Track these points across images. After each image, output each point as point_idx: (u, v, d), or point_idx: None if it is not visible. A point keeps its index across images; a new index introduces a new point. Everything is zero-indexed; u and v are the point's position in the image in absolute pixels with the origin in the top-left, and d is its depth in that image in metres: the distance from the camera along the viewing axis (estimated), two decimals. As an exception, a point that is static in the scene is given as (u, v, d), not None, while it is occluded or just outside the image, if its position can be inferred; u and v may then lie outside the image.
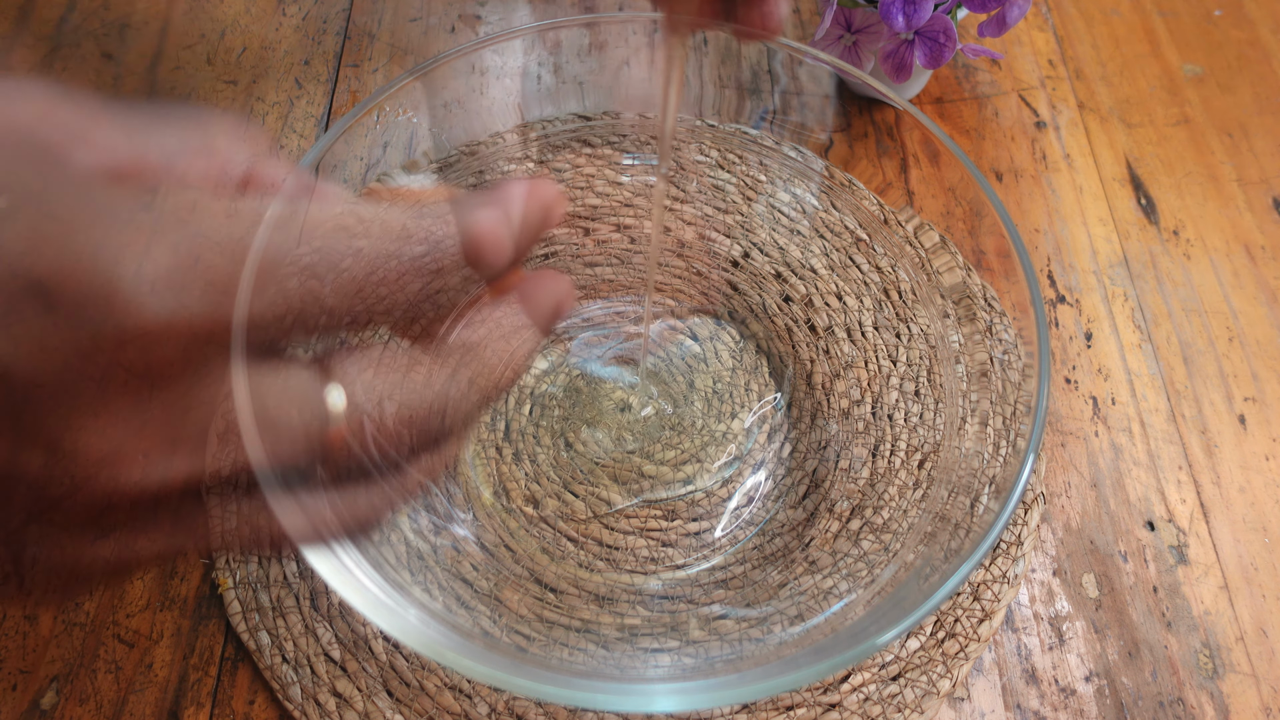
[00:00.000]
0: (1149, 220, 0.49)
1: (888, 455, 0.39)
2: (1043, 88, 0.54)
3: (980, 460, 0.34)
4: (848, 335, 0.42)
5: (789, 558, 0.37)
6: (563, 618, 0.36)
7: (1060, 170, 0.50)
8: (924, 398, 0.39)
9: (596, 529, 0.39)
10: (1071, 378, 0.44)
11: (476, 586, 0.35)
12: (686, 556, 0.39)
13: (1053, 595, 0.38)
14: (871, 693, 0.35)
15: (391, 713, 0.34)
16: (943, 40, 0.44)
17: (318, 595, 0.36)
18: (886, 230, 0.41)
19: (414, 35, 0.54)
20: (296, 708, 0.34)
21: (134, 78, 0.51)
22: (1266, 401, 0.43)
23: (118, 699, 0.34)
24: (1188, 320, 0.46)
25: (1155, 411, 0.43)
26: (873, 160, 0.45)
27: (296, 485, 0.19)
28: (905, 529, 0.35)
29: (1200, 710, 0.36)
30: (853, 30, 0.47)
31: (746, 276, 0.45)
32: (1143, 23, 0.57)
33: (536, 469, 0.40)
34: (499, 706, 0.35)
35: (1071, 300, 0.46)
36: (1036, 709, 0.36)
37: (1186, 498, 0.41)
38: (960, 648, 0.36)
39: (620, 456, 0.40)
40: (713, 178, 0.44)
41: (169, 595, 0.36)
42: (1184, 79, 0.54)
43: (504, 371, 0.21)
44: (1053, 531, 0.40)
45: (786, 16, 0.29)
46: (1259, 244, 0.48)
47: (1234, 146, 0.52)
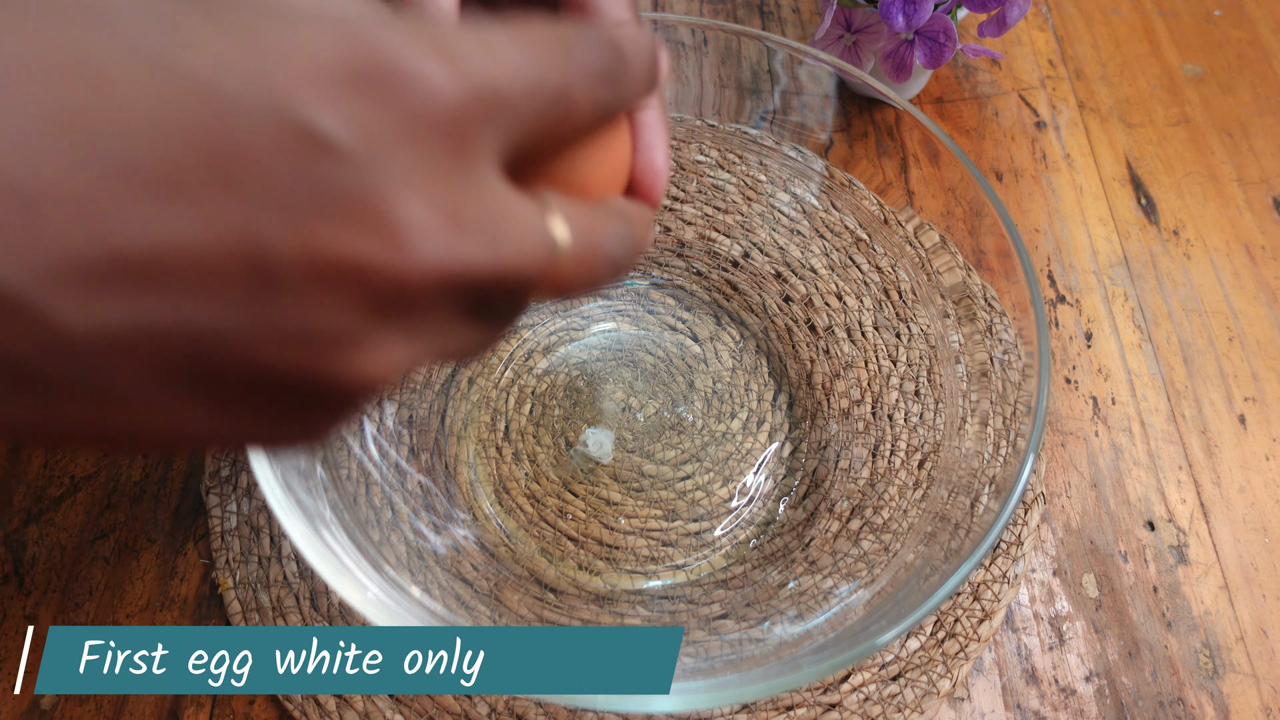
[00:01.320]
0: (1149, 220, 0.49)
1: (888, 455, 0.39)
2: (1043, 88, 0.54)
3: (980, 460, 0.34)
4: (848, 335, 0.42)
5: (789, 558, 0.37)
6: (563, 618, 0.36)
7: (1060, 170, 0.50)
8: (924, 398, 0.39)
9: (596, 529, 0.39)
10: (1071, 378, 0.44)
11: (476, 586, 0.35)
12: (686, 556, 0.39)
13: (1053, 595, 0.38)
14: (871, 693, 0.35)
15: (391, 712, 0.34)
16: (943, 40, 0.44)
17: (318, 595, 0.36)
18: (886, 230, 0.41)
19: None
20: (296, 708, 0.34)
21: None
22: (1266, 401, 0.43)
23: (118, 699, 0.34)
24: (1188, 320, 0.46)
25: (1155, 411, 0.43)
26: (873, 160, 0.45)
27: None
28: (905, 529, 0.35)
29: (1200, 710, 0.36)
30: (853, 30, 0.47)
31: (746, 276, 0.45)
32: (1143, 23, 0.57)
33: (536, 469, 0.40)
34: (499, 706, 0.35)
35: (1071, 300, 0.46)
36: (1036, 709, 0.36)
37: (1186, 498, 0.41)
38: (960, 648, 0.36)
39: (620, 456, 0.40)
40: (713, 178, 0.44)
41: (169, 595, 0.36)
42: (1184, 79, 0.54)
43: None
44: (1053, 531, 0.40)
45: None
46: (1259, 244, 0.48)
47: (1234, 146, 0.52)
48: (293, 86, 0.13)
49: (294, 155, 0.13)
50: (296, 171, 0.13)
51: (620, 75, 0.18)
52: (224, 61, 0.13)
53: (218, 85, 0.12)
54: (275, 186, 0.13)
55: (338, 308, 0.14)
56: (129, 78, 0.12)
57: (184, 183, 0.12)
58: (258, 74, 0.13)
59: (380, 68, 0.13)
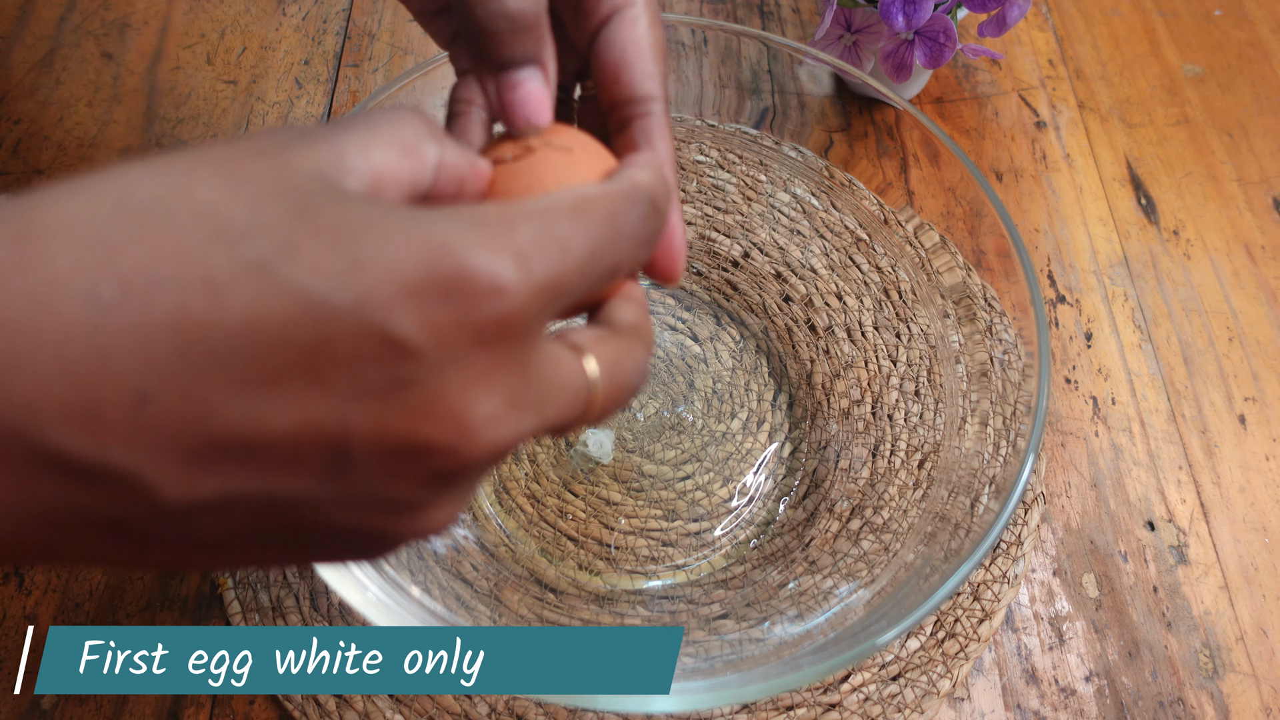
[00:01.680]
0: (1149, 220, 0.49)
1: (888, 455, 0.39)
2: (1043, 88, 0.54)
3: (980, 460, 0.34)
4: (848, 335, 0.42)
5: (789, 558, 0.37)
6: (563, 618, 0.36)
7: (1060, 170, 0.50)
8: (924, 398, 0.39)
9: (596, 529, 0.39)
10: (1071, 378, 0.44)
11: (476, 586, 0.35)
12: (686, 556, 0.39)
13: (1053, 595, 0.38)
14: (871, 693, 0.35)
15: (391, 712, 0.34)
16: (943, 40, 0.44)
17: (317, 595, 0.36)
18: (886, 230, 0.41)
19: (414, 35, 0.54)
20: (296, 708, 0.34)
21: (134, 78, 0.51)
22: (1266, 401, 0.43)
23: (118, 699, 0.34)
24: (1188, 320, 0.46)
25: (1155, 411, 0.43)
26: (873, 160, 0.45)
27: None
28: (905, 529, 0.35)
29: (1200, 710, 0.36)
30: (853, 30, 0.47)
31: (746, 276, 0.45)
32: (1143, 23, 0.57)
33: (536, 469, 0.40)
34: (499, 706, 0.35)
35: (1071, 300, 0.46)
36: (1036, 709, 0.36)
37: (1186, 498, 0.41)
38: (960, 648, 0.36)
39: (620, 456, 0.40)
40: (713, 178, 0.44)
41: (169, 595, 0.36)
42: (1184, 79, 0.54)
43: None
44: (1053, 531, 0.40)
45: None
46: (1259, 244, 0.48)
47: (1234, 146, 0.52)
48: (378, 295, 0.14)
49: (375, 355, 0.14)
50: (377, 370, 0.15)
51: (657, 224, 0.20)
52: (321, 272, 0.14)
53: (313, 293, 0.14)
54: (357, 382, 0.15)
55: (405, 483, 0.16)
56: (237, 286, 0.14)
57: (277, 378, 0.14)
58: (349, 285, 0.14)
59: (456, 279, 0.15)
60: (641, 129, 0.24)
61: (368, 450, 0.15)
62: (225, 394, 0.14)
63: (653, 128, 0.24)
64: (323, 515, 0.16)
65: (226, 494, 0.15)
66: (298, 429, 0.14)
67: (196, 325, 0.14)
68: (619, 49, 0.24)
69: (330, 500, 0.16)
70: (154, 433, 0.14)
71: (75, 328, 0.13)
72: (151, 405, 0.14)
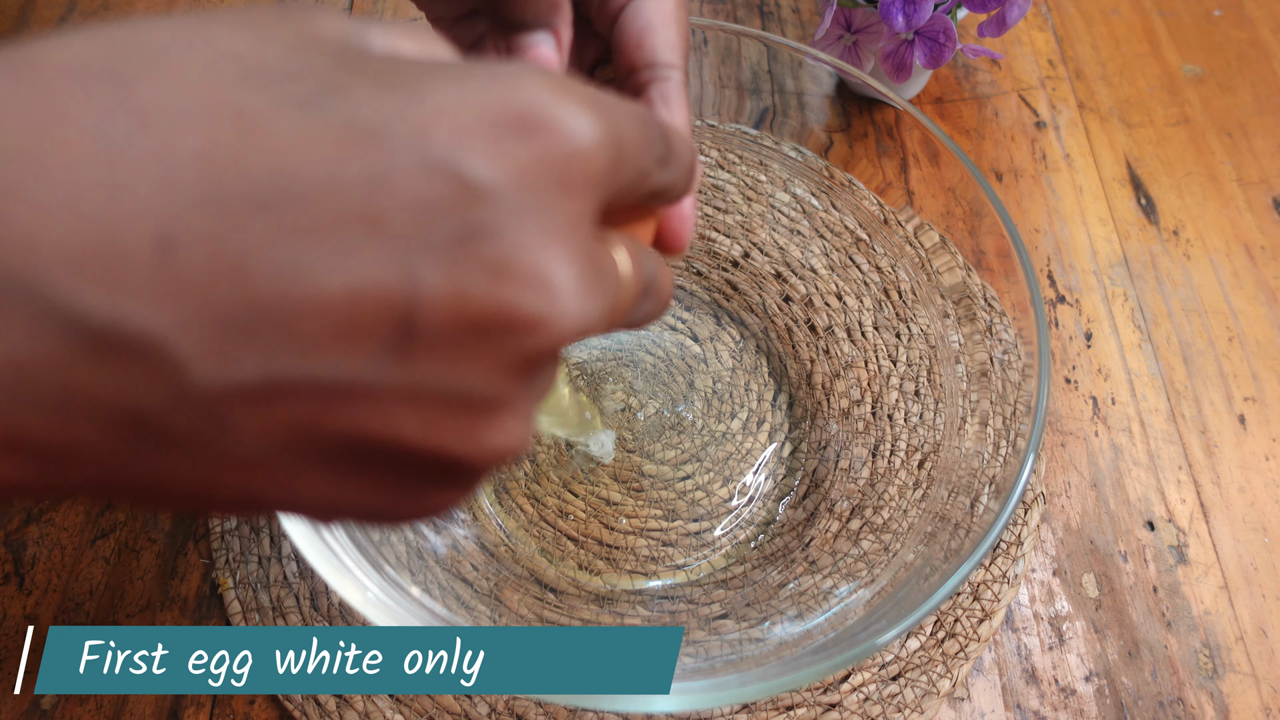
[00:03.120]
0: (1149, 220, 0.49)
1: (888, 455, 0.39)
2: (1043, 88, 0.54)
3: (980, 460, 0.34)
4: (848, 335, 0.42)
5: (789, 558, 0.37)
6: (563, 618, 0.36)
7: (1060, 170, 0.50)
8: (924, 398, 0.39)
9: (596, 529, 0.39)
10: (1071, 378, 0.44)
11: (476, 586, 0.35)
12: (686, 556, 0.39)
13: (1053, 595, 0.38)
14: (871, 693, 0.35)
15: (391, 712, 0.34)
16: (943, 40, 0.44)
17: (318, 595, 0.36)
18: (886, 230, 0.41)
19: (414, 35, 0.54)
20: (296, 707, 0.34)
21: (134, 78, 0.51)
22: (1266, 401, 0.43)
23: (118, 699, 0.34)
24: (1188, 320, 0.46)
25: (1155, 411, 0.43)
26: (873, 160, 0.45)
27: None
28: (905, 529, 0.35)
29: (1200, 710, 0.36)
30: (853, 30, 0.47)
31: (746, 276, 0.45)
32: (1143, 23, 0.57)
33: (536, 469, 0.40)
34: (499, 706, 0.35)
35: (1071, 300, 0.46)
36: (1036, 709, 0.36)
37: (1186, 498, 0.41)
38: (960, 648, 0.36)
39: (620, 456, 0.40)
40: (713, 178, 0.44)
41: (169, 595, 0.36)
42: (1184, 79, 0.54)
43: None
44: (1053, 531, 0.40)
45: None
46: (1259, 244, 0.48)
47: (1234, 146, 0.52)
48: (445, 131, 0.12)
49: (444, 199, 0.12)
50: (447, 216, 0.12)
51: (669, 148, 0.18)
52: (375, 108, 0.12)
53: (368, 128, 0.12)
54: (424, 231, 0.12)
55: (483, 368, 0.13)
56: (278, 123, 0.12)
57: (327, 225, 0.12)
58: (409, 119, 0.12)
59: (533, 115, 0.13)
60: (659, 91, 0.22)
61: (439, 316, 0.12)
62: (265, 243, 0.11)
63: (670, 91, 0.22)
64: (382, 418, 0.13)
65: (269, 378, 0.12)
66: (354, 287, 0.12)
67: (230, 160, 0.11)
68: (645, 18, 0.23)
69: (393, 391, 0.13)
70: (180, 287, 0.11)
71: (84, 159, 0.11)
72: (177, 252, 0.11)
